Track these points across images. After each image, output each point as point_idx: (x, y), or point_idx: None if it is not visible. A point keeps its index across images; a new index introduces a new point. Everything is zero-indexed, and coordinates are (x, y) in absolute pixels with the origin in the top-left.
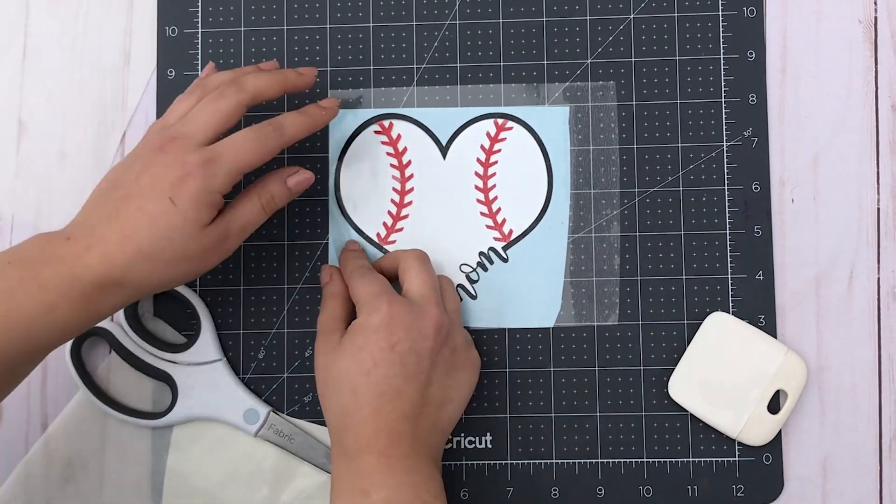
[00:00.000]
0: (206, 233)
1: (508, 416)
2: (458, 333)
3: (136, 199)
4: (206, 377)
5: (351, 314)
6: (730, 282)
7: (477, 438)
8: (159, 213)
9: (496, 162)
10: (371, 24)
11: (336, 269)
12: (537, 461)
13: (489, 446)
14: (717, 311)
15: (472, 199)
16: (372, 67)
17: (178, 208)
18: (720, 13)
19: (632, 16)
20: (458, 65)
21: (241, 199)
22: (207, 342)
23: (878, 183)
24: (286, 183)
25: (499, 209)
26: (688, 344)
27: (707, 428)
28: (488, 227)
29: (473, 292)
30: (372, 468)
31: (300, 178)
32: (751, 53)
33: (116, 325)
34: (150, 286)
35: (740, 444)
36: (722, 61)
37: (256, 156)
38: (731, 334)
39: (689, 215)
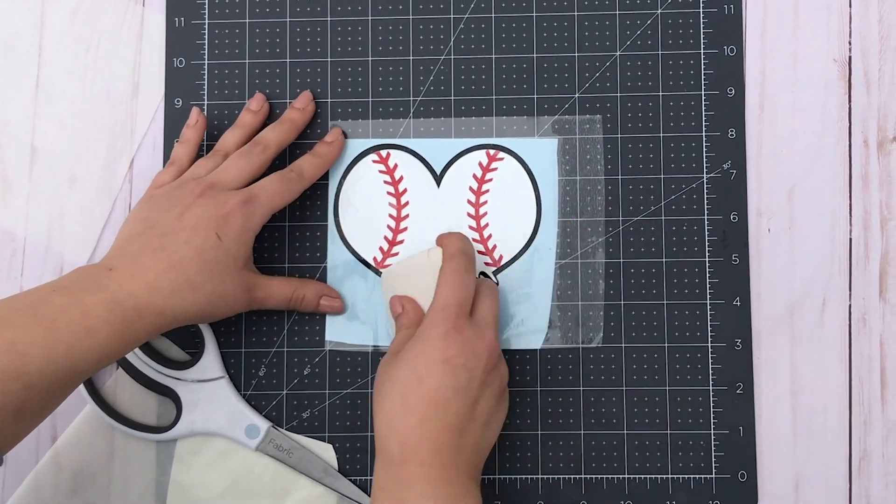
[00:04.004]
0: (241, 275)
1: None
2: (504, 364)
3: (182, 234)
4: (209, 393)
5: None
6: (708, 307)
7: None
8: (207, 247)
9: (488, 191)
10: (370, 58)
11: (408, 299)
12: (523, 476)
13: None
14: (696, 334)
15: (464, 225)
16: (370, 99)
17: (223, 243)
18: (702, 52)
19: (618, 53)
20: (453, 98)
21: (278, 279)
22: (211, 360)
23: (850, 215)
24: (320, 300)
25: (490, 235)
26: (668, 365)
27: (686, 446)
28: (479, 252)
29: None
30: (413, 479)
31: (332, 305)
32: (730, 90)
33: None
34: (185, 316)
35: (717, 462)
36: (703, 97)
37: (285, 197)
38: None
39: (670, 243)
